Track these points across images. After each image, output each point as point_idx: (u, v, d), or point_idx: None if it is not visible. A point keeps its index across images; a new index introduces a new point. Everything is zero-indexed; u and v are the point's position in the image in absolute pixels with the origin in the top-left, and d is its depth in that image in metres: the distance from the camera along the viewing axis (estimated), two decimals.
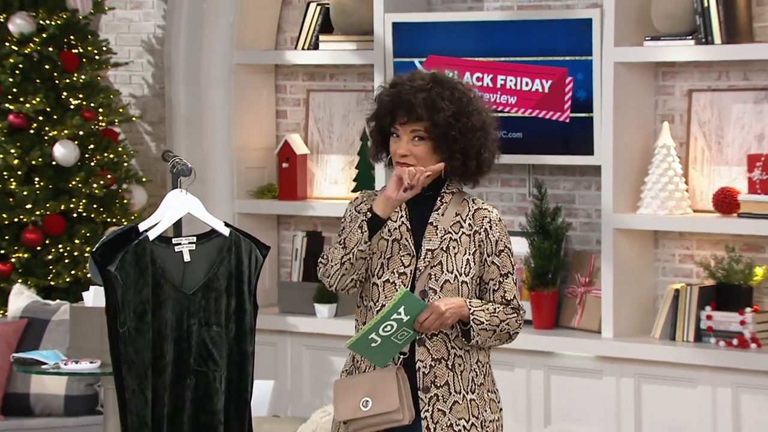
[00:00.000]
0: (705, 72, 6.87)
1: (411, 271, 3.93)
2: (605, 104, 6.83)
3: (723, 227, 6.72)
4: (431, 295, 3.90)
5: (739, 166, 6.73)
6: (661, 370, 6.72)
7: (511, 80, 7.07)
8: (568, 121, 6.95)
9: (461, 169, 3.96)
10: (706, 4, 6.57)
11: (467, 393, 3.89)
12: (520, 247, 7.09)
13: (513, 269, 3.98)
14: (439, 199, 3.96)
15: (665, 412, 6.73)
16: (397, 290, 3.91)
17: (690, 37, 6.68)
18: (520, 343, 6.66)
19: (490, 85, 7.07)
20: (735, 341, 6.59)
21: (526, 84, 7.04)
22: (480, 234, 3.94)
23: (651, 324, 6.90)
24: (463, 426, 3.86)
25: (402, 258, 3.93)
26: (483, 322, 3.88)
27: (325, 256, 4.03)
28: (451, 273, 3.92)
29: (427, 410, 3.86)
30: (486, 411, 3.91)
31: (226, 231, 4.16)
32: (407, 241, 3.94)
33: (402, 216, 3.96)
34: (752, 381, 6.53)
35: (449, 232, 3.93)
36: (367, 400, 3.86)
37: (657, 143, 6.83)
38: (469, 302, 3.90)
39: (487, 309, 3.90)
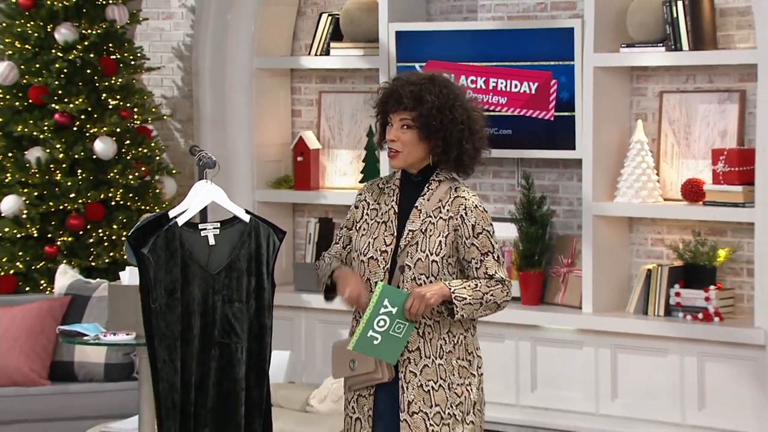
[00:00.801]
0: (674, 75, 6.87)
1: (392, 249, 3.96)
2: (586, 104, 6.83)
3: (690, 214, 6.72)
4: (407, 270, 3.92)
5: (705, 159, 6.72)
6: (634, 342, 6.72)
7: (501, 82, 7.07)
8: (552, 119, 6.95)
9: (442, 157, 3.98)
10: (675, 15, 6.58)
11: (436, 358, 3.91)
12: (510, 232, 7.08)
13: (493, 248, 3.96)
14: (426, 185, 4.00)
15: (638, 379, 6.74)
16: (379, 266, 3.94)
17: (661, 44, 6.68)
18: (509, 318, 6.78)
19: (483, 87, 7.08)
20: (700, 315, 6.60)
21: (515, 86, 7.04)
22: (456, 219, 3.96)
23: (626, 300, 6.91)
24: (432, 387, 3.89)
25: (385, 238, 3.97)
26: (465, 298, 3.89)
27: (321, 260, 4.12)
28: (424, 252, 3.93)
29: (402, 371, 3.91)
30: (454, 375, 3.91)
31: (246, 217, 4.17)
32: (392, 223, 3.98)
33: (393, 200, 4.02)
34: (715, 351, 6.53)
35: (430, 216, 3.96)
36: (354, 361, 3.93)
37: (632, 139, 6.84)
38: (449, 283, 3.91)
39: (469, 285, 3.92)
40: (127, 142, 7.43)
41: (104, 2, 7.51)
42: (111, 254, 7.25)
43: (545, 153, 7.09)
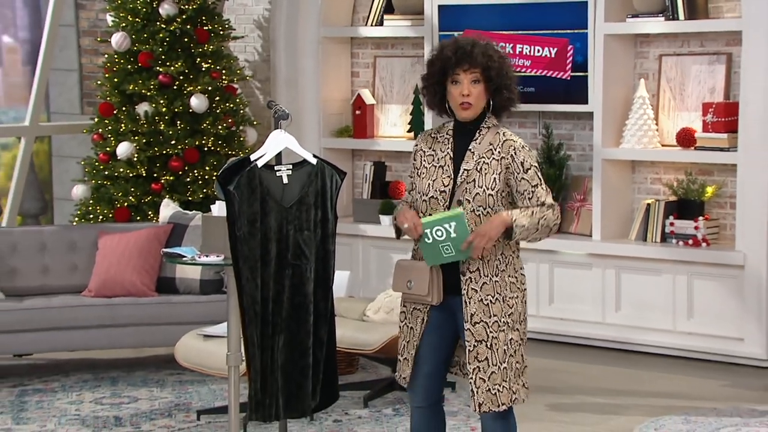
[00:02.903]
0: (672, 41, 6.84)
1: (450, 188, 3.85)
2: (597, 66, 6.81)
3: (683, 157, 6.71)
4: (465, 204, 3.81)
5: (696, 111, 6.72)
6: (635, 263, 6.74)
7: (526, 48, 7.02)
8: (569, 78, 6.92)
9: (506, 101, 3.86)
10: None
11: (493, 276, 3.81)
12: None
13: (541, 180, 3.83)
14: (477, 131, 3.87)
15: (638, 294, 6.76)
16: (439, 204, 3.84)
17: (661, 14, 6.66)
18: (532, 244, 6.80)
19: (511, 51, 7.02)
20: (690, 241, 6.62)
21: (538, 51, 6.99)
22: (507, 159, 3.82)
23: (628, 229, 6.92)
24: (490, 300, 3.80)
25: (443, 179, 3.86)
26: (524, 225, 3.77)
27: (397, 208, 3.97)
28: (481, 188, 3.81)
29: (464, 288, 3.82)
30: (507, 290, 3.82)
31: (314, 161, 4.17)
32: (449, 166, 3.86)
33: (448, 147, 3.89)
34: (702, 270, 6.57)
35: (483, 157, 3.82)
36: (411, 282, 3.85)
37: (635, 95, 6.81)
38: (510, 213, 3.78)
39: (526, 213, 3.79)
40: (217, 98, 7.43)
41: None
42: (204, 190, 7.27)
43: (562, 107, 7.07)
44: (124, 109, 7.35)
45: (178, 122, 7.32)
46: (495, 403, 3.79)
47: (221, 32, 7.59)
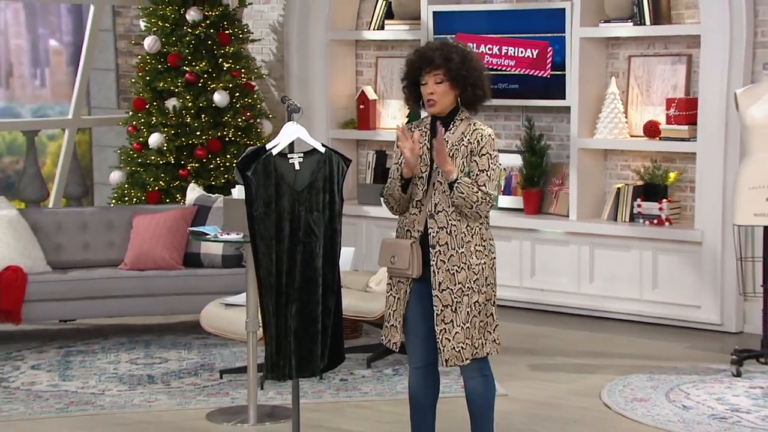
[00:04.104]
0: (639, 43, 6.80)
1: (427, 174, 3.84)
2: (573, 65, 6.77)
3: (649, 147, 6.67)
4: (437, 186, 3.80)
5: (660, 106, 6.68)
6: (606, 241, 6.71)
7: (511, 49, 6.99)
8: (549, 77, 6.88)
9: (472, 97, 3.83)
10: None
11: (459, 248, 3.79)
12: (516, 160, 7.08)
13: (489, 168, 3.79)
14: (452, 123, 3.86)
15: (609, 267, 6.73)
16: (418, 188, 3.81)
17: (630, 20, 6.62)
18: (516, 224, 6.89)
19: (497, 52, 7.00)
20: (655, 221, 6.59)
21: (521, 52, 6.96)
22: (473, 144, 3.81)
23: (601, 210, 6.88)
24: (456, 270, 3.78)
25: (421, 167, 3.85)
26: (462, 192, 3.75)
27: (385, 191, 3.91)
28: None
29: (433, 260, 3.79)
30: (473, 258, 3.79)
31: (322, 149, 4.15)
32: (426, 155, 3.86)
33: (425, 138, 3.88)
34: (665, 246, 6.55)
35: (455, 145, 3.81)
36: (394, 258, 3.84)
37: (607, 91, 6.78)
38: (461, 175, 3.78)
39: (469, 184, 3.77)
40: (237, 94, 7.40)
41: None
42: (225, 176, 7.24)
43: (543, 102, 7.02)
44: (155, 103, 7.33)
45: (203, 115, 7.29)
46: (459, 359, 3.79)
47: (241, 36, 7.55)
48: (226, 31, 7.44)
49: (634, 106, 6.86)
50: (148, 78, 7.35)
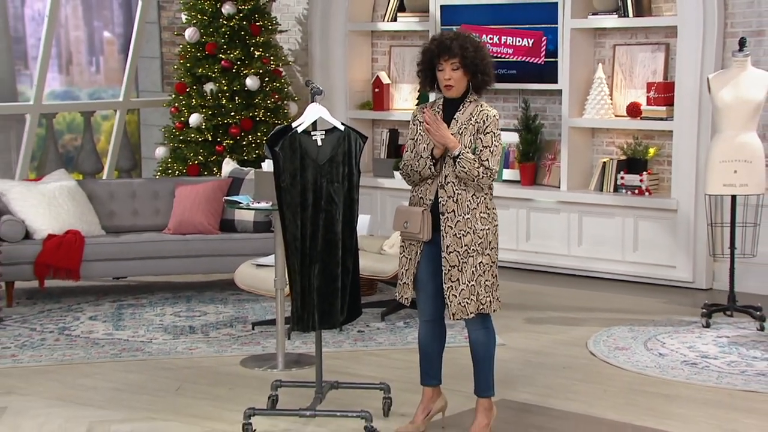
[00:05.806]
0: (623, 34, 6.71)
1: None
2: (565, 53, 6.70)
3: (632, 125, 6.61)
4: (448, 161, 3.75)
5: (642, 89, 6.61)
6: (594, 209, 6.67)
7: (509, 39, 6.91)
8: (543, 63, 6.81)
9: (481, 82, 3.76)
10: None
11: (465, 214, 3.73)
12: (514, 138, 7.02)
13: (492, 145, 3.71)
14: (461, 104, 3.81)
15: (596, 233, 6.69)
16: (428, 162, 3.75)
17: (615, 12, 6.56)
18: (513, 194, 6.86)
19: (498, 41, 6.92)
20: (636, 191, 6.54)
21: (518, 41, 6.89)
22: (479, 123, 3.75)
23: (589, 182, 6.83)
24: (462, 234, 3.73)
25: (432, 142, 3.78)
26: (465, 167, 3.69)
27: (407, 167, 3.82)
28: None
29: (443, 225, 3.76)
30: (477, 223, 3.74)
31: (342, 128, 4.06)
32: None
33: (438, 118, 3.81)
34: (645, 214, 6.50)
35: (464, 124, 3.77)
36: (407, 223, 3.80)
37: (595, 76, 6.71)
38: (465, 151, 3.71)
39: (473, 159, 3.71)
40: (267, 79, 7.33)
41: None
42: (256, 151, 7.21)
43: (538, 86, 6.95)
44: (194, 87, 7.29)
45: (236, 98, 7.24)
46: (464, 313, 3.76)
47: (270, 27, 7.47)
48: (257, 23, 7.37)
49: (618, 90, 6.78)
50: (188, 65, 7.31)
